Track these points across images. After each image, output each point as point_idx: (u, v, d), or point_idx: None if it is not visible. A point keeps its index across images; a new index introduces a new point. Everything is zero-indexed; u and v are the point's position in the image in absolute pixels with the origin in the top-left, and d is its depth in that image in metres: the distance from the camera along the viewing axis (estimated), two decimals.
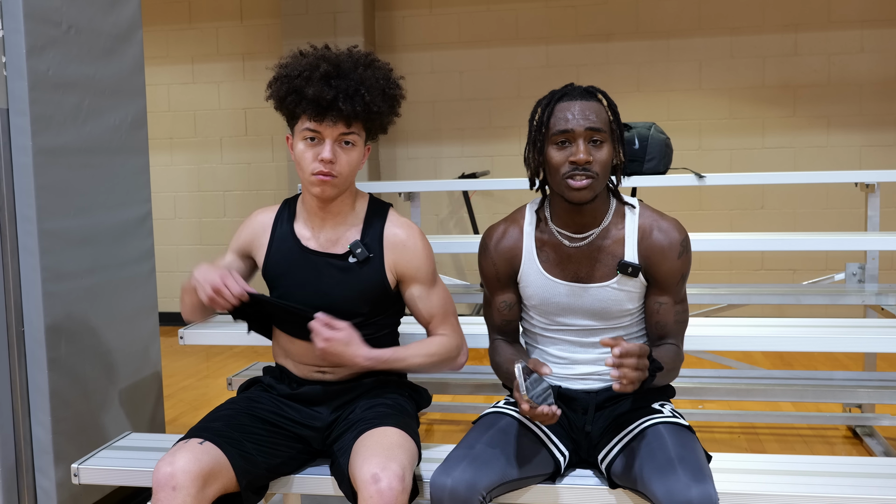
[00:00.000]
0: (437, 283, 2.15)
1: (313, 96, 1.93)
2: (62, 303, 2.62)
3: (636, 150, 3.53)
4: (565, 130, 1.84)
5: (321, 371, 2.10)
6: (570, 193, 1.86)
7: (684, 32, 6.15)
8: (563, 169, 1.85)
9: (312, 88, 1.93)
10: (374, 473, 1.75)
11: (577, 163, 1.82)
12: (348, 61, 1.99)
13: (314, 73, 1.95)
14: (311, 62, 1.98)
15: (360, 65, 2.00)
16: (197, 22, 6.76)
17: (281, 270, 2.11)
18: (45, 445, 2.58)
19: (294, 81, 1.97)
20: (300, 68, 1.98)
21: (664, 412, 1.93)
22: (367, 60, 2.02)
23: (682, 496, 1.63)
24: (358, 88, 1.95)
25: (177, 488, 1.76)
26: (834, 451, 3.55)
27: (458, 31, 6.44)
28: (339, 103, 1.93)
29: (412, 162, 6.61)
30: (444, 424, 4.05)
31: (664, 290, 1.95)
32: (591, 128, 1.84)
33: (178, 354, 5.68)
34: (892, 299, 3.42)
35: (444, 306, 2.14)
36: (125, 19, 2.93)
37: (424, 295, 2.12)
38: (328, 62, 1.97)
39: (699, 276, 6.13)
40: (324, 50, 2.04)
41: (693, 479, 1.66)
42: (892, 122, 5.96)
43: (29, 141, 2.48)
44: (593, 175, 1.84)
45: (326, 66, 1.96)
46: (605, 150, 1.86)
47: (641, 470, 1.76)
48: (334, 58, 1.99)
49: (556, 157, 1.86)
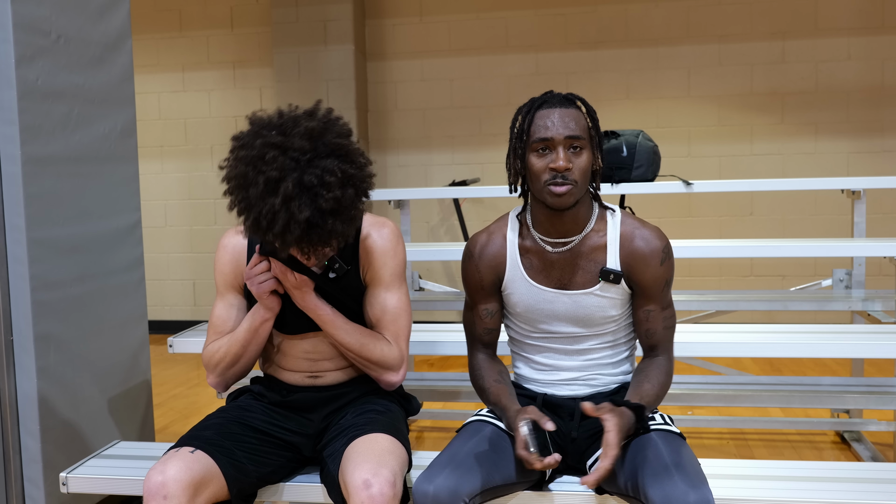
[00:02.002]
0: (398, 288, 2.10)
1: (285, 251, 1.87)
2: (51, 311, 2.61)
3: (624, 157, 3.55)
4: (545, 138, 1.86)
5: (312, 376, 2.11)
6: (551, 200, 1.88)
7: (673, 40, 6.18)
8: (543, 176, 1.87)
9: (284, 246, 1.84)
10: (365, 479, 1.75)
11: (557, 170, 1.85)
12: (317, 214, 1.78)
13: (287, 235, 1.79)
14: (282, 222, 1.77)
15: (328, 214, 1.79)
16: (187, 30, 6.77)
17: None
18: (34, 454, 2.57)
19: (265, 235, 1.82)
20: (267, 219, 1.78)
21: (655, 419, 1.94)
22: (334, 203, 1.79)
23: (681, 502, 1.63)
24: (330, 237, 1.82)
25: (168, 497, 1.76)
26: (822, 456, 3.56)
27: (448, 39, 6.46)
28: (312, 250, 1.85)
29: (402, 169, 6.61)
30: (435, 432, 4.06)
31: (650, 298, 1.96)
32: (570, 135, 1.86)
33: (169, 363, 5.67)
34: (878, 305, 3.44)
35: (396, 314, 2.09)
36: (114, 28, 2.94)
37: (381, 294, 2.08)
38: (298, 223, 1.77)
39: (688, 283, 6.15)
40: (289, 189, 1.76)
41: (690, 484, 1.66)
42: (880, 129, 6.00)
43: (18, 150, 2.48)
44: (573, 182, 1.86)
45: (298, 229, 1.78)
46: (585, 157, 1.88)
47: (636, 476, 1.76)
48: (304, 216, 1.76)
49: (536, 164, 1.89)
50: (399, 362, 2.09)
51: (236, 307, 2.14)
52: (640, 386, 1.93)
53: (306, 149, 1.80)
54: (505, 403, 1.92)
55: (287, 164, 1.78)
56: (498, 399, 1.96)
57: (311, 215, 1.76)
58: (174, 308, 6.93)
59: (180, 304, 6.94)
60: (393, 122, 6.59)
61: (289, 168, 1.77)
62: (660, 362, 1.98)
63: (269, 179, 1.77)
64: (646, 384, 1.93)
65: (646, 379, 1.94)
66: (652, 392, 1.91)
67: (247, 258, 2.12)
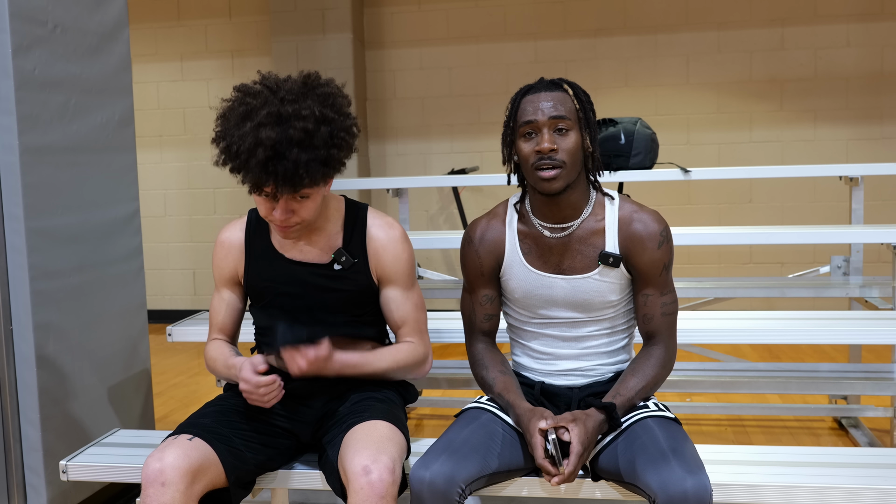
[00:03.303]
0: (413, 287, 2.14)
1: (252, 182, 1.88)
2: (50, 301, 2.62)
3: (622, 145, 3.55)
4: (529, 121, 1.88)
5: None
6: (540, 185, 1.89)
7: (671, 27, 6.17)
8: (531, 160, 1.89)
9: (251, 175, 1.86)
10: (364, 466, 1.77)
11: (542, 151, 1.86)
12: (285, 141, 1.83)
13: (251, 158, 1.83)
14: (247, 145, 1.83)
15: (296, 143, 1.83)
16: (185, 19, 6.75)
17: (265, 285, 2.12)
18: (35, 443, 2.58)
19: (232, 161, 1.88)
20: (237, 145, 1.85)
21: (649, 406, 1.95)
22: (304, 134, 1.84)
23: (678, 487, 1.64)
24: (296, 170, 1.84)
25: (166, 484, 1.77)
26: (820, 442, 3.58)
27: (446, 27, 6.45)
28: (278, 186, 1.86)
29: (401, 158, 6.61)
30: (434, 419, 4.07)
31: (648, 283, 1.97)
32: (554, 116, 1.87)
33: (169, 352, 5.69)
34: (876, 291, 3.45)
35: (416, 313, 2.14)
36: (111, 18, 2.93)
37: (399, 298, 2.12)
38: (264, 147, 1.82)
39: (688, 270, 6.16)
40: (264, 116, 1.85)
41: (687, 470, 1.67)
42: (879, 116, 5.99)
43: (15, 140, 2.49)
44: (560, 164, 1.86)
45: (263, 153, 1.82)
46: (572, 138, 1.88)
47: (633, 463, 1.77)
48: (269, 140, 1.82)
49: (524, 148, 1.90)
50: (426, 355, 2.15)
51: (233, 303, 2.20)
52: (625, 381, 1.93)
53: (294, 91, 1.89)
54: (513, 400, 1.93)
55: (270, 98, 1.87)
56: (504, 392, 1.96)
57: (278, 141, 1.82)
58: (174, 297, 6.94)
59: (180, 293, 6.95)
60: (392, 110, 6.59)
61: (270, 102, 1.86)
62: (655, 354, 1.97)
63: (248, 109, 1.87)
64: (631, 379, 1.93)
65: (633, 373, 1.95)
66: (637, 387, 1.92)
67: (244, 253, 2.14)
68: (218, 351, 2.13)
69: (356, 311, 2.12)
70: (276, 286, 2.10)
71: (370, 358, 2.06)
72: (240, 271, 2.15)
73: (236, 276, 2.17)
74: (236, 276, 2.17)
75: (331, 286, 2.08)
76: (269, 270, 2.11)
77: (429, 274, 4.40)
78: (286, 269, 2.10)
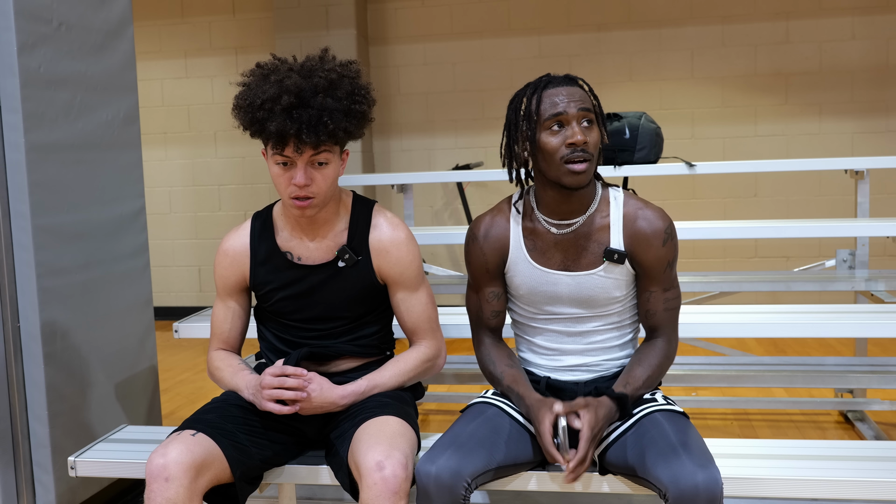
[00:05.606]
0: (420, 287, 2.14)
1: (276, 130, 1.89)
2: (57, 298, 2.63)
3: (627, 139, 3.54)
4: (559, 113, 1.86)
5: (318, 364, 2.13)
6: (569, 178, 1.87)
7: (676, 21, 6.15)
8: (560, 153, 1.86)
9: (274, 123, 1.88)
10: (378, 461, 1.77)
11: (576, 144, 1.84)
12: (309, 89, 1.90)
13: (275, 106, 1.88)
14: (272, 94, 1.90)
15: (321, 91, 1.92)
16: (189, 16, 6.76)
17: (271, 287, 2.12)
18: (43, 440, 2.60)
19: (256, 114, 1.92)
20: (261, 97, 1.91)
21: (657, 399, 1.95)
22: (327, 83, 1.94)
23: (689, 481, 1.64)
24: (321, 117, 1.89)
25: (169, 479, 1.78)
26: (826, 435, 3.57)
27: (450, 22, 6.44)
28: (302, 136, 1.89)
29: (406, 154, 6.61)
30: (440, 415, 4.08)
31: (652, 279, 1.97)
32: (583, 108, 1.86)
33: (176, 349, 5.70)
34: (881, 285, 3.44)
35: (427, 313, 2.14)
36: (116, 15, 2.94)
37: (409, 300, 2.12)
38: (289, 93, 1.89)
39: (693, 264, 6.15)
40: (286, 72, 1.95)
41: (698, 464, 1.67)
42: (884, 109, 5.98)
43: (21, 137, 2.49)
44: (589, 157, 1.86)
45: (288, 98, 1.88)
46: (596, 132, 1.90)
47: (643, 457, 1.77)
48: (295, 87, 1.90)
49: (551, 142, 1.87)
50: (439, 352, 2.17)
51: (236, 312, 2.20)
52: (632, 370, 1.94)
53: (312, 58, 2.02)
54: (522, 392, 1.93)
55: (295, 66, 1.99)
56: (513, 384, 1.97)
57: (303, 88, 1.90)
58: (180, 294, 6.96)
59: (186, 290, 6.96)
60: (396, 106, 6.59)
61: (292, 65, 2.00)
62: (657, 345, 1.98)
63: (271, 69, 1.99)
64: (637, 369, 1.94)
65: (638, 363, 1.95)
66: (643, 376, 1.93)
67: (249, 258, 2.14)
68: (225, 362, 2.14)
69: (360, 309, 2.12)
70: (283, 287, 2.10)
71: (378, 379, 2.07)
72: (246, 277, 2.16)
73: (241, 284, 2.17)
74: (241, 284, 2.17)
75: (334, 284, 2.08)
76: (276, 272, 2.11)
77: (434, 269, 4.40)
78: (291, 269, 2.10)
